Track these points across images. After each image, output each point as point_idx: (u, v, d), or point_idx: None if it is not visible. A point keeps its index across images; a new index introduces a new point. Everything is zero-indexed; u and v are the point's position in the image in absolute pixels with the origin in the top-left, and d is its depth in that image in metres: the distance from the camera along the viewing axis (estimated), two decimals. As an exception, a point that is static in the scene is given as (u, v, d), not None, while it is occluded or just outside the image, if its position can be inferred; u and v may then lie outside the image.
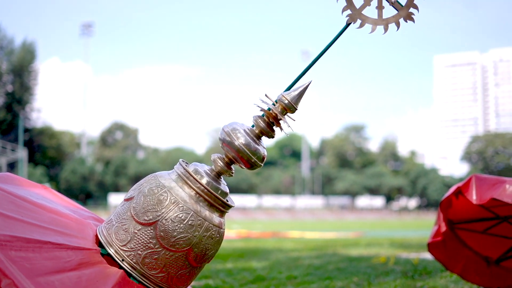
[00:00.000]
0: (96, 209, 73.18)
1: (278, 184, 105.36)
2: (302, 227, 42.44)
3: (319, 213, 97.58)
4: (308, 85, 2.80)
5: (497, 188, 4.44)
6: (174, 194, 2.63)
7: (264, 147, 2.80)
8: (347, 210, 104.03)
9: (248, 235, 25.08)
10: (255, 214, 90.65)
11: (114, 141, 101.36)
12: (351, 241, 17.70)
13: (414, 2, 3.01)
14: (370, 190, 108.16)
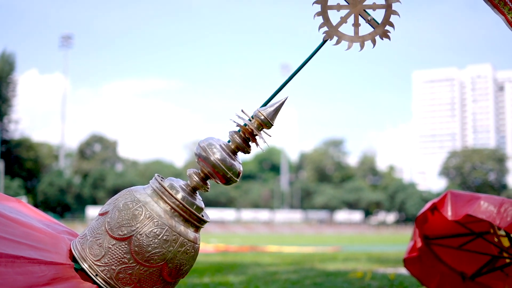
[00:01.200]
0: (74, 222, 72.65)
1: (257, 198, 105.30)
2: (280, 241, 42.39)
3: (298, 227, 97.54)
4: (284, 101, 2.81)
5: (472, 204, 4.47)
6: (149, 209, 2.62)
7: (240, 163, 2.80)
8: (326, 224, 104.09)
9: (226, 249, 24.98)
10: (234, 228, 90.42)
11: (92, 154, 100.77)
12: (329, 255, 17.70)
13: (390, 20, 3.04)
14: (349, 204, 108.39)
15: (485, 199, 4.44)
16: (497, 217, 4.33)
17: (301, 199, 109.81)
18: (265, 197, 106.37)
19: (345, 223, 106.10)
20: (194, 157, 2.81)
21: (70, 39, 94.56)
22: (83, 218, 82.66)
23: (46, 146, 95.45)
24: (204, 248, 23.04)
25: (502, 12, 3.14)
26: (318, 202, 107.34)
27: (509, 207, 4.36)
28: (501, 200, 4.42)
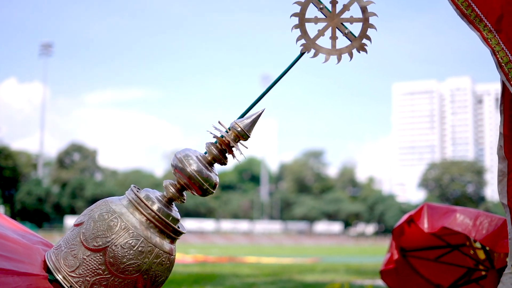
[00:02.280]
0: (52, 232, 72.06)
1: (236, 209, 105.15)
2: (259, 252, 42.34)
3: (277, 238, 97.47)
4: (261, 113, 2.82)
5: (448, 217, 4.51)
6: (125, 220, 2.60)
7: (217, 174, 2.80)
8: (305, 235, 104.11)
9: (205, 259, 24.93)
10: (213, 238, 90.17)
11: (71, 163, 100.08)
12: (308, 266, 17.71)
13: (367, 33, 3.07)
14: (328, 215, 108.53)
15: (461, 212, 4.48)
16: (473, 230, 4.37)
17: (281, 210, 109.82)
18: (244, 207, 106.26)
19: (324, 234, 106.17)
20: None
21: (50, 47, 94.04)
22: (61, 228, 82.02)
23: (24, 154, 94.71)
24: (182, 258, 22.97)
25: (477, 29, 3.18)
26: (298, 213, 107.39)
27: (484, 220, 4.40)
28: (477, 213, 4.46)
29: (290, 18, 3.10)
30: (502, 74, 3.17)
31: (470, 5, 3.18)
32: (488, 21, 3.16)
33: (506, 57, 3.15)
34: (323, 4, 3.11)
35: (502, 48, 3.15)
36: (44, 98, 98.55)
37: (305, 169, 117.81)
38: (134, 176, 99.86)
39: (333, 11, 3.09)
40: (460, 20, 3.22)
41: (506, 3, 3.18)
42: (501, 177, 3.34)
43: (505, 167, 3.34)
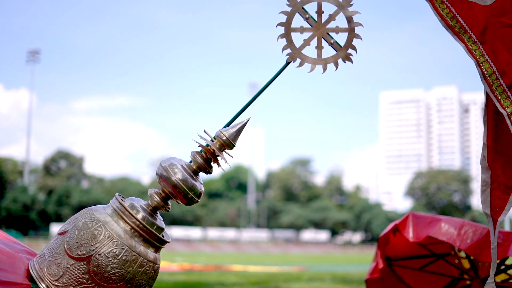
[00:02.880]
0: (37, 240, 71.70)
1: (223, 217, 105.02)
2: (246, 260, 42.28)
3: (264, 246, 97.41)
4: (246, 122, 2.82)
5: (433, 226, 4.52)
6: (109, 229, 2.59)
7: (202, 183, 2.79)
8: (292, 243, 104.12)
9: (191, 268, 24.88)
10: (200, 246, 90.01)
11: (58, 170, 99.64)
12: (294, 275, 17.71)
13: (352, 43, 3.08)
14: (315, 223, 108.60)
15: (446, 221, 4.50)
16: (458, 239, 4.39)
17: (268, 218, 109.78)
18: (231, 215, 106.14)
19: (311, 243, 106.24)
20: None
21: (37, 54, 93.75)
22: (47, 235, 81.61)
23: (10, 161, 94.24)
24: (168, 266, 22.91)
25: (462, 40, 3.20)
26: (285, 221, 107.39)
27: (469, 229, 4.42)
28: (462, 223, 4.48)
29: (276, 28, 3.11)
30: (486, 85, 3.20)
31: (455, 16, 3.20)
32: (472, 33, 3.19)
33: (490, 69, 3.18)
34: (309, 14, 3.12)
35: (486, 60, 3.18)
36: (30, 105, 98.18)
37: (292, 177, 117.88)
38: (121, 183, 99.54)
39: (319, 21, 3.10)
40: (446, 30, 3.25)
41: (491, 15, 3.20)
42: (484, 187, 3.36)
43: (488, 177, 3.36)
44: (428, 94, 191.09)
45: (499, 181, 3.35)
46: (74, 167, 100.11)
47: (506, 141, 3.30)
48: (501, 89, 3.20)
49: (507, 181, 3.34)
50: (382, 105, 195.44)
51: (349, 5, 3.11)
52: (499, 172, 3.35)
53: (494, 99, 3.21)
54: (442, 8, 3.21)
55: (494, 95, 3.20)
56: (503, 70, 3.19)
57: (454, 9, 3.20)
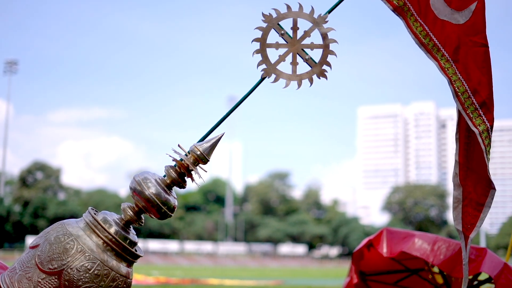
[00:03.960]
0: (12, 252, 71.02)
1: (200, 230, 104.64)
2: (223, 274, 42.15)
3: (241, 259, 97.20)
4: (220, 137, 2.82)
5: (407, 242, 4.55)
6: (81, 243, 2.57)
7: (175, 198, 2.79)
8: (270, 257, 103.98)
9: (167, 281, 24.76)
10: (177, 260, 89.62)
11: (34, 181, 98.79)
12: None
13: (327, 59, 3.10)
14: (293, 237, 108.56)
15: (419, 237, 4.53)
16: (431, 254, 4.43)
17: (245, 232, 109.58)
18: (209, 229, 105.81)
19: (288, 256, 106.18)
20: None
21: (15, 64, 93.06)
22: (22, 247, 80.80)
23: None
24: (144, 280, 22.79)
25: (435, 58, 3.24)
26: (262, 234, 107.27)
27: (442, 245, 4.45)
28: (435, 238, 4.52)
29: (252, 43, 3.13)
30: (458, 103, 3.24)
31: (428, 34, 3.24)
32: (445, 51, 3.23)
33: (462, 87, 3.22)
34: (284, 30, 3.14)
35: (459, 78, 3.22)
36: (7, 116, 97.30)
37: (270, 190, 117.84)
38: (98, 196, 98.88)
39: (294, 37, 3.13)
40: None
41: (463, 34, 3.25)
42: (456, 203, 3.40)
43: (460, 194, 3.40)
44: (406, 109, 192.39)
45: (470, 198, 3.40)
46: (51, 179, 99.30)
47: (477, 159, 3.34)
48: (473, 107, 3.25)
49: (478, 198, 3.38)
50: (360, 120, 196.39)
51: (324, 22, 3.14)
52: (471, 189, 3.40)
53: (466, 118, 3.25)
54: (416, 26, 3.25)
55: (466, 113, 3.24)
56: (475, 89, 3.24)
57: (428, 27, 3.24)
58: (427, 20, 3.25)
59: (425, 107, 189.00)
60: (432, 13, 3.25)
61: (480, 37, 3.27)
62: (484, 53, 3.28)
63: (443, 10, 3.26)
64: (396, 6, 3.25)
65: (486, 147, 3.25)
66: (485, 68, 3.28)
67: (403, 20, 3.27)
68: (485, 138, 3.25)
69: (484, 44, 3.28)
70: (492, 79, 3.29)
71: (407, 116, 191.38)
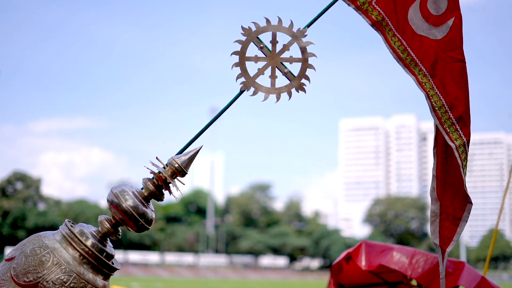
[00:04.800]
0: (-9, 262, 70.17)
1: (181, 241, 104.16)
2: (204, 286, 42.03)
3: (223, 271, 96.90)
4: (198, 150, 2.82)
5: (385, 255, 4.57)
6: (57, 256, 2.56)
7: (153, 210, 2.78)
8: (250, 269, 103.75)
9: (148, 293, 24.63)
10: (157, 271, 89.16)
11: (14, 191, 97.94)
12: (251, 301, 17.64)
13: (306, 73, 3.12)
14: (274, 249, 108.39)
15: (398, 250, 4.55)
16: (409, 268, 4.44)
17: (226, 243, 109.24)
18: (190, 240, 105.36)
19: (269, 268, 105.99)
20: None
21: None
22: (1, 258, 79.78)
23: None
24: (124, 291, 22.61)
25: (413, 73, 3.27)
26: (243, 246, 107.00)
27: (420, 258, 4.48)
28: (413, 252, 4.54)
29: (231, 56, 3.14)
30: (435, 118, 3.27)
31: (406, 49, 3.27)
32: (423, 66, 3.26)
33: (439, 102, 3.25)
34: (263, 43, 3.15)
35: (436, 93, 3.25)
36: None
37: (252, 202, 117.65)
38: (78, 206, 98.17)
39: (273, 50, 3.14)
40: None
41: (441, 49, 3.28)
42: (434, 217, 3.42)
43: (437, 208, 3.42)
44: (387, 122, 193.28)
45: (448, 212, 3.42)
46: (31, 189, 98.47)
47: (454, 173, 3.37)
48: (450, 122, 3.27)
49: (455, 212, 3.41)
50: (341, 132, 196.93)
51: (303, 35, 3.16)
52: (448, 203, 3.42)
53: (443, 132, 3.28)
54: (394, 41, 3.28)
55: (443, 128, 3.27)
56: (452, 104, 3.27)
57: (406, 42, 3.27)
58: (405, 35, 3.27)
59: (406, 120, 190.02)
60: (410, 28, 3.28)
61: (457, 52, 3.31)
62: (461, 68, 3.31)
63: (421, 25, 3.29)
64: (374, 21, 3.27)
65: (462, 162, 3.28)
66: (462, 83, 3.31)
67: (381, 35, 3.29)
68: (461, 153, 3.28)
69: (461, 59, 3.32)
70: (469, 94, 3.32)
71: (389, 129, 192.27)
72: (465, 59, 3.32)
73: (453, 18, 3.31)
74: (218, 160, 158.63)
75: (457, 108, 3.27)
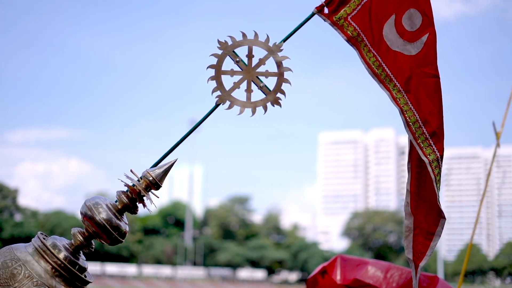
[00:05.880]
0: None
1: (159, 253, 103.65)
2: (181, 298, 41.84)
3: (200, 284, 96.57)
4: (173, 163, 2.82)
5: (360, 269, 4.59)
6: (29, 268, 2.54)
7: (127, 223, 2.77)
8: (228, 282, 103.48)
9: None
10: (135, 283, 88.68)
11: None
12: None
13: (281, 87, 3.13)
14: (252, 262, 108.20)
15: (372, 264, 4.57)
16: (384, 282, 4.47)
17: (204, 256, 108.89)
18: (168, 252, 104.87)
19: (248, 281, 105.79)
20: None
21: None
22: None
23: None
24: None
25: (387, 88, 3.30)
26: (222, 259, 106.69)
27: (395, 272, 4.50)
28: (388, 266, 4.56)
29: (207, 70, 3.15)
30: (409, 133, 3.30)
31: (381, 65, 3.30)
32: (397, 81, 3.29)
33: (413, 117, 3.28)
34: (239, 57, 3.17)
35: (410, 108, 3.28)
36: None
37: (230, 215, 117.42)
38: (56, 217, 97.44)
39: (249, 64, 3.16)
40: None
41: (415, 65, 3.32)
42: (407, 232, 3.45)
43: (411, 223, 3.45)
44: (366, 136, 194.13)
45: (421, 227, 3.44)
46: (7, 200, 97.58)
47: (428, 188, 3.39)
48: (424, 137, 3.30)
49: (429, 227, 3.43)
50: (320, 145, 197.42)
51: (279, 50, 3.18)
52: (422, 218, 3.44)
53: (417, 147, 3.31)
54: (369, 56, 3.31)
55: (417, 143, 3.30)
56: (426, 119, 3.30)
57: (381, 57, 3.30)
58: (380, 51, 3.31)
59: (385, 133, 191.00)
60: (385, 44, 3.31)
61: (431, 68, 3.34)
62: (435, 84, 3.34)
63: (396, 41, 3.33)
64: (350, 37, 3.30)
65: (436, 177, 3.30)
66: (436, 99, 3.35)
67: (357, 50, 3.32)
68: (435, 168, 3.31)
69: (435, 75, 3.35)
70: (442, 109, 3.36)
71: (368, 142, 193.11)
72: (439, 74, 3.36)
73: (427, 34, 3.35)
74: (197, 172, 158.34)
75: (430, 123, 3.30)
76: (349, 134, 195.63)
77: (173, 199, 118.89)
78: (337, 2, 3.30)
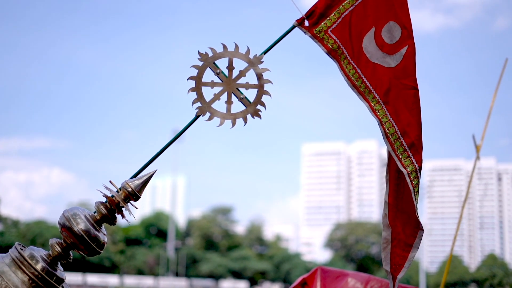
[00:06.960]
0: None
1: (141, 264, 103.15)
2: (162, 309, 41.67)
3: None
4: (152, 174, 2.82)
5: (340, 281, 4.60)
6: (6, 279, 2.53)
7: (105, 234, 2.77)
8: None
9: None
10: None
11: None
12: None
13: (261, 99, 3.15)
14: (235, 273, 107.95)
15: (352, 276, 4.58)
16: (363, 294, 4.47)
17: (187, 267, 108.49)
18: (150, 263, 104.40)
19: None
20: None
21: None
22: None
23: None
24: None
25: (367, 100, 3.33)
26: (204, 270, 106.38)
27: (375, 284, 4.51)
28: (368, 278, 4.58)
29: (187, 81, 3.16)
30: (388, 145, 3.32)
31: (360, 77, 3.32)
32: (376, 93, 3.31)
33: (392, 128, 3.30)
34: (220, 69, 3.18)
35: (389, 119, 3.30)
36: None
37: (213, 225, 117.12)
38: (37, 227, 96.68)
39: (230, 76, 3.17)
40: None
41: (394, 77, 3.34)
42: (385, 244, 3.46)
43: (389, 234, 3.46)
44: (349, 147, 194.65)
45: (399, 239, 3.45)
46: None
47: (406, 200, 3.40)
48: (402, 148, 3.32)
49: (407, 239, 3.44)
50: (304, 157, 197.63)
51: (259, 62, 3.19)
52: (400, 230, 3.45)
53: (395, 158, 3.33)
54: (349, 68, 3.33)
55: (395, 154, 3.32)
56: (405, 130, 3.32)
57: (360, 70, 3.33)
58: (360, 63, 3.33)
59: (368, 145, 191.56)
60: (364, 56, 3.34)
61: (410, 80, 3.37)
62: (414, 96, 3.37)
63: (375, 53, 3.35)
64: (330, 49, 3.32)
65: (414, 188, 3.32)
66: (415, 110, 3.37)
67: (336, 62, 3.34)
68: (413, 179, 3.32)
69: (414, 86, 3.38)
70: (421, 121, 3.38)
71: (351, 154, 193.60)
72: (418, 86, 3.39)
73: (407, 46, 3.38)
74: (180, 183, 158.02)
75: (409, 134, 3.33)
76: (332, 145, 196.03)
77: (155, 210, 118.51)
78: (317, 15, 3.32)
